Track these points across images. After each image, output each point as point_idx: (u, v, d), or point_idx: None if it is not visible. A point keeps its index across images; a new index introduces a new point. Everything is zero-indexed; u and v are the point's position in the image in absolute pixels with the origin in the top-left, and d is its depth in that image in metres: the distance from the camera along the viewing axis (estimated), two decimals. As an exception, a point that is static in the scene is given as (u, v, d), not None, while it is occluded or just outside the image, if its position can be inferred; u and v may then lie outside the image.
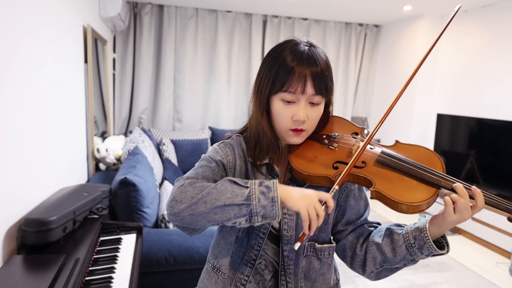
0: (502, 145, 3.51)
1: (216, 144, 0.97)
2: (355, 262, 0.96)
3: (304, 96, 0.84)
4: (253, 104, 0.92)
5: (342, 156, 0.89)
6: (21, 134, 1.41)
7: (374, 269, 0.92)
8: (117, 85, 4.37)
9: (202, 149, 4.24)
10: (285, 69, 0.83)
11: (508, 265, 3.09)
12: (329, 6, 4.18)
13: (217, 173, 0.89)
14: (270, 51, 0.90)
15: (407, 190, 0.81)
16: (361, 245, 0.95)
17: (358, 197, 0.99)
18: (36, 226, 1.30)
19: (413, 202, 0.79)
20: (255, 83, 0.92)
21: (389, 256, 0.88)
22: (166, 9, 4.39)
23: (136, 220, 1.96)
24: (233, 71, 4.72)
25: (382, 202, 0.82)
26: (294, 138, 0.89)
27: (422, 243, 0.83)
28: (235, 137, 0.98)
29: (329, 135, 0.94)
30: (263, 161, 0.92)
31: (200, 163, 0.92)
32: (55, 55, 1.86)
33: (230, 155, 0.93)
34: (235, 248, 0.96)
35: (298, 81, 0.82)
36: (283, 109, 0.86)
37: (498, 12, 3.72)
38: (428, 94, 4.52)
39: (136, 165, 2.28)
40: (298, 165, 0.88)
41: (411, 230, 0.86)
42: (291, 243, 0.92)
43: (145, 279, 1.82)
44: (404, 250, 0.86)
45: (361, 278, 2.79)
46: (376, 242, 0.92)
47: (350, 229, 0.98)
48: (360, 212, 0.99)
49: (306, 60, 0.83)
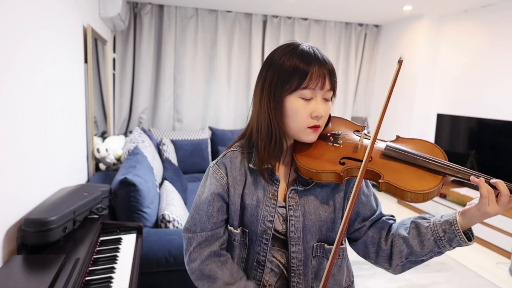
0: (502, 145, 3.51)
1: (212, 166, 0.99)
2: (380, 257, 0.95)
3: (321, 92, 0.87)
4: (262, 107, 0.90)
5: (348, 152, 0.91)
6: (21, 134, 1.41)
7: (400, 262, 0.92)
8: (117, 85, 4.37)
9: (202, 149, 4.24)
10: (302, 68, 0.85)
11: (508, 265, 3.09)
12: (329, 6, 4.18)
13: (212, 212, 0.95)
14: (275, 54, 0.90)
15: (415, 180, 0.83)
16: (385, 239, 0.95)
17: (367, 193, 0.99)
18: (36, 226, 1.30)
19: (422, 190, 0.81)
20: (262, 87, 0.90)
21: (416, 249, 0.89)
22: (166, 9, 4.39)
23: (136, 220, 1.96)
24: (233, 71, 4.72)
25: (391, 194, 0.84)
26: (311, 135, 0.90)
27: (452, 236, 0.84)
28: (228, 154, 0.98)
29: (333, 133, 0.96)
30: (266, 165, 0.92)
31: (197, 202, 0.98)
32: (55, 55, 1.86)
33: (225, 177, 0.96)
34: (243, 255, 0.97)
35: (317, 77, 0.85)
36: (302, 107, 0.87)
37: (498, 12, 3.72)
38: (428, 94, 4.52)
39: (136, 165, 2.28)
40: (305, 163, 0.89)
41: (439, 224, 0.87)
42: (299, 244, 0.93)
43: (145, 279, 1.82)
44: (432, 243, 0.86)
45: (361, 278, 2.80)
46: (402, 235, 0.91)
47: (368, 225, 0.98)
48: (373, 207, 0.99)
49: (321, 58, 0.87)
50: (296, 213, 0.93)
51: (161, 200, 2.43)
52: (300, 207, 0.93)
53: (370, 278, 2.81)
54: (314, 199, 0.94)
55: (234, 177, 0.95)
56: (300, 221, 0.93)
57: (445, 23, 4.37)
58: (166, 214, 2.11)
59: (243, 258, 0.98)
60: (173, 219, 2.10)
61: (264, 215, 0.93)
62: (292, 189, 0.94)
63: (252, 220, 0.94)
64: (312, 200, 0.94)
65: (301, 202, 0.93)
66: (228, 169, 0.96)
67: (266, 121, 0.90)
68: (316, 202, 0.94)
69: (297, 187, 0.94)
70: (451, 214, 0.87)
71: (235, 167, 0.96)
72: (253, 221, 0.94)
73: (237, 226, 0.97)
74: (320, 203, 0.94)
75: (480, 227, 3.51)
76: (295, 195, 0.94)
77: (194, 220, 0.97)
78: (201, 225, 0.95)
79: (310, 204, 0.93)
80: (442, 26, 4.41)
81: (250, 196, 0.94)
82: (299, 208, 0.93)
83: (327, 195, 0.95)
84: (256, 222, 0.93)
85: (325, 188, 0.96)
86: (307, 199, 0.94)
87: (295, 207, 0.93)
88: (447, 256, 3.23)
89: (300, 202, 0.93)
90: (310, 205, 0.93)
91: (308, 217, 0.93)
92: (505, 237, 3.26)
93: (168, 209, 2.17)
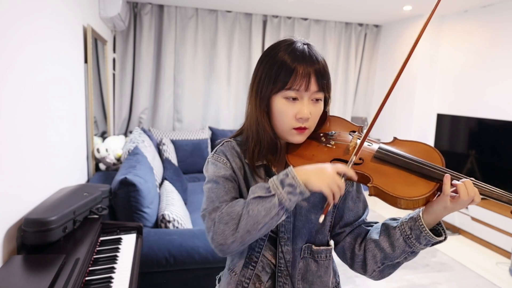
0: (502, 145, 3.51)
1: (210, 157, 0.94)
2: (355, 263, 0.96)
3: (307, 93, 0.84)
4: (251, 105, 0.91)
5: (339, 153, 0.89)
6: (21, 134, 1.41)
7: (376, 267, 0.91)
8: (117, 85, 4.37)
9: (202, 149, 4.24)
10: (287, 67, 0.83)
11: (508, 265, 3.09)
12: (329, 6, 4.18)
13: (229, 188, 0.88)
14: (266, 51, 0.90)
15: (406, 185, 0.80)
16: (360, 245, 0.95)
17: (356, 199, 0.99)
18: (36, 226, 1.30)
19: (412, 197, 0.77)
20: (252, 84, 0.91)
21: (388, 251, 0.87)
22: (166, 9, 4.39)
23: (136, 220, 1.96)
24: (233, 71, 4.72)
25: (381, 199, 0.81)
26: (297, 137, 0.88)
27: (418, 232, 0.82)
28: (225, 143, 0.95)
29: (326, 133, 0.94)
30: (260, 162, 0.91)
31: (207, 187, 0.90)
32: (55, 55, 1.86)
33: (228, 162, 0.91)
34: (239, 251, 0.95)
35: (302, 78, 0.82)
36: (286, 107, 0.85)
37: (498, 12, 3.72)
38: (428, 94, 4.52)
39: (136, 165, 2.28)
40: (296, 164, 0.88)
41: (405, 221, 0.85)
42: (288, 244, 0.92)
43: (145, 279, 1.82)
44: (402, 242, 0.85)
45: (361, 278, 2.80)
46: (374, 239, 0.91)
47: (348, 231, 0.98)
48: (358, 214, 0.98)
49: (308, 57, 0.84)
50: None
51: (161, 200, 2.43)
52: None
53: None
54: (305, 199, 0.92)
55: (236, 163, 0.92)
56: (291, 222, 0.92)
57: (445, 23, 4.38)
58: (166, 214, 2.11)
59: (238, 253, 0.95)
60: (173, 219, 2.10)
61: None
62: None
63: None
64: (303, 201, 0.92)
65: None
66: (229, 156, 0.92)
67: (255, 119, 0.89)
68: (307, 204, 0.93)
69: None
70: (417, 210, 0.85)
71: (234, 155, 0.93)
72: None
73: None
74: (311, 206, 0.93)
75: (480, 227, 3.51)
76: None
77: (210, 198, 0.87)
78: (220, 199, 0.86)
79: (302, 204, 0.93)
80: (442, 26, 4.41)
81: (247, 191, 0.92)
82: None
83: (318, 198, 0.94)
84: None
85: None
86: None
87: None
88: (447, 256, 3.23)
89: None
90: (301, 206, 0.93)
91: (298, 218, 0.93)
92: (505, 237, 3.26)
93: (168, 209, 2.17)
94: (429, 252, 3.29)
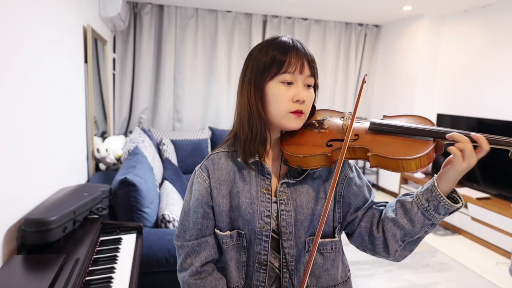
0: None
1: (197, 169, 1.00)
2: (376, 246, 0.93)
3: (302, 77, 0.87)
4: (243, 96, 0.91)
5: (334, 134, 0.91)
6: (21, 134, 1.41)
7: (397, 246, 0.90)
8: (117, 85, 4.37)
9: (202, 149, 4.24)
10: (282, 53, 0.87)
11: (508, 265, 3.09)
12: (329, 6, 4.18)
13: (198, 217, 0.97)
14: (256, 46, 0.92)
15: (404, 147, 0.81)
16: (377, 226, 0.92)
17: (359, 183, 0.98)
18: (36, 226, 1.30)
19: (413, 156, 0.78)
20: (243, 77, 0.92)
21: (408, 227, 0.86)
22: (166, 9, 4.39)
23: (136, 220, 1.96)
24: (233, 71, 4.72)
25: (382, 167, 0.82)
26: (294, 121, 0.89)
27: (436, 202, 0.82)
28: (210, 156, 0.99)
29: (318, 120, 0.96)
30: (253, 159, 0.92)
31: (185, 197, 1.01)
32: (55, 55, 1.86)
33: (207, 180, 0.96)
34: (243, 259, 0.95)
35: (296, 62, 0.86)
36: (283, 91, 0.87)
37: (498, 12, 3.72)
38: (428, 94, 4.52)
39: (136, 165, 2.28)
40: (292, 150, 0.89)
41: (421, 194, 0.85)
42: (291, 239, 0.92)
43: (145, 279, 1.82)
44: (421, 216, 0.84)
45: (361, 278, 2.80)
46: (391, 217, 0.89)
47: (360, 216, 0.96)
48: (365, 197, 0.97)
49: (300, 47, 0.89)
50: (287, 207, 0.92)
51: (161, 200, 2.43)
52: (292, 201, 0.92)
53: (370, 278, 2.81)
54: (305, 192, 0.93)
55: (217, 178, 0.95)
56: (292, 216, 0.92)
57: (445, 23, 4.38)
58: (166, 214, 2.11)
59: (244, 262, 0.96)
60: (173, 219, 2.10)
61: (261, 211, 0.91)
62: (282, 183, 0.93)
63: (248, 219, 0.92)
64: (303, 193, 0.93)
65: (293, 196, 0.92)
66: (211, 171, 0.96)
67: (247, 109, 0.90)
68: (308, 195, 0.93)
69: (288, 180, 0.93)
70: (430, 181, 0.85)
71: (218, 168, 0.96)
72: (250, 219, 0.92)
73: (225, 228, 0.95)
74: (312, 196, 0.93)
75: (480, 227, 3.51)
76: (286, 189, 0.93)
77: (183, 227, 0.99)
78: (189, 232, 0.97)
79: (302, 197, 0.92)
80: (442, 26, 4.42)
81: (244, 194, 0.93)
82: (291, 202, 0.92)
83: (318, 187, 0.94)
84: (253, 220, 0.91)
85: (317, 180, 0.95)
86: (298, 193, 0.93)
87: (287, 201, 0.92)
88: (447, 256, 3.23)
89: (292, 196, 0.92)
90: (302, 199, 0.92)
91: (300, 211, 0.92)
92: (505, 237, 3.26)
93: (168, 209, 2.18)
94: (429, 252, 3.29)
